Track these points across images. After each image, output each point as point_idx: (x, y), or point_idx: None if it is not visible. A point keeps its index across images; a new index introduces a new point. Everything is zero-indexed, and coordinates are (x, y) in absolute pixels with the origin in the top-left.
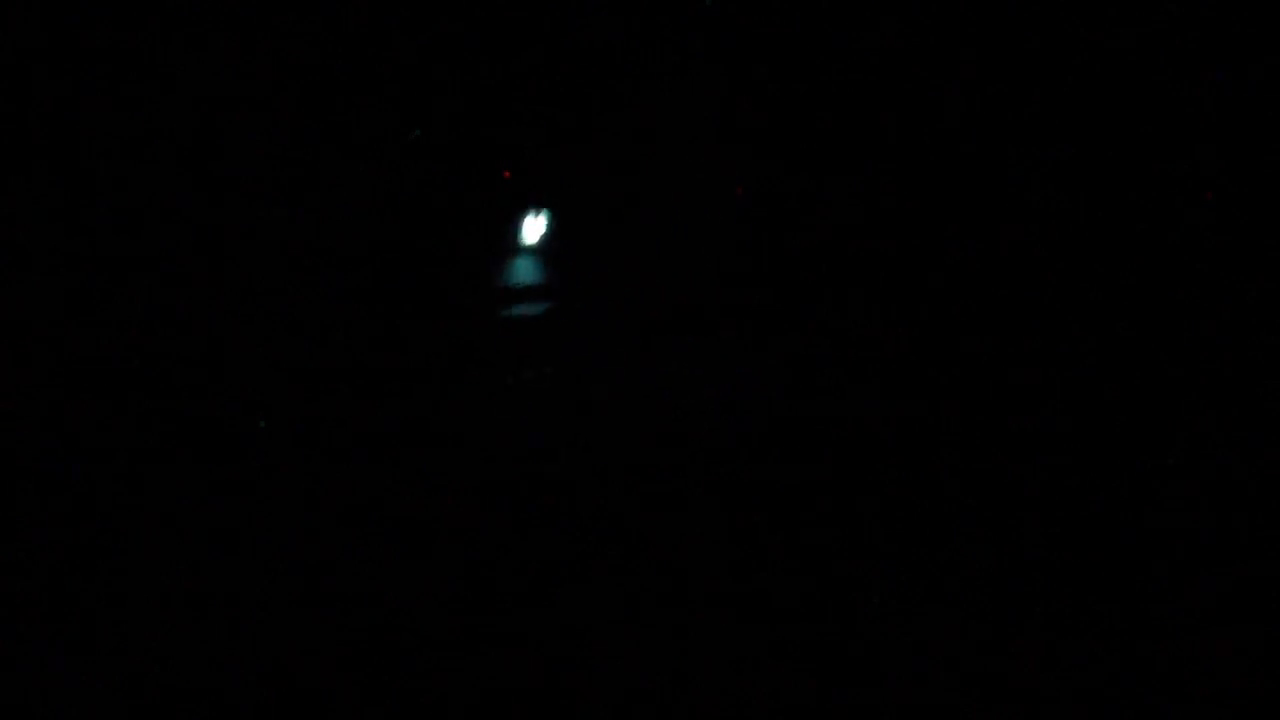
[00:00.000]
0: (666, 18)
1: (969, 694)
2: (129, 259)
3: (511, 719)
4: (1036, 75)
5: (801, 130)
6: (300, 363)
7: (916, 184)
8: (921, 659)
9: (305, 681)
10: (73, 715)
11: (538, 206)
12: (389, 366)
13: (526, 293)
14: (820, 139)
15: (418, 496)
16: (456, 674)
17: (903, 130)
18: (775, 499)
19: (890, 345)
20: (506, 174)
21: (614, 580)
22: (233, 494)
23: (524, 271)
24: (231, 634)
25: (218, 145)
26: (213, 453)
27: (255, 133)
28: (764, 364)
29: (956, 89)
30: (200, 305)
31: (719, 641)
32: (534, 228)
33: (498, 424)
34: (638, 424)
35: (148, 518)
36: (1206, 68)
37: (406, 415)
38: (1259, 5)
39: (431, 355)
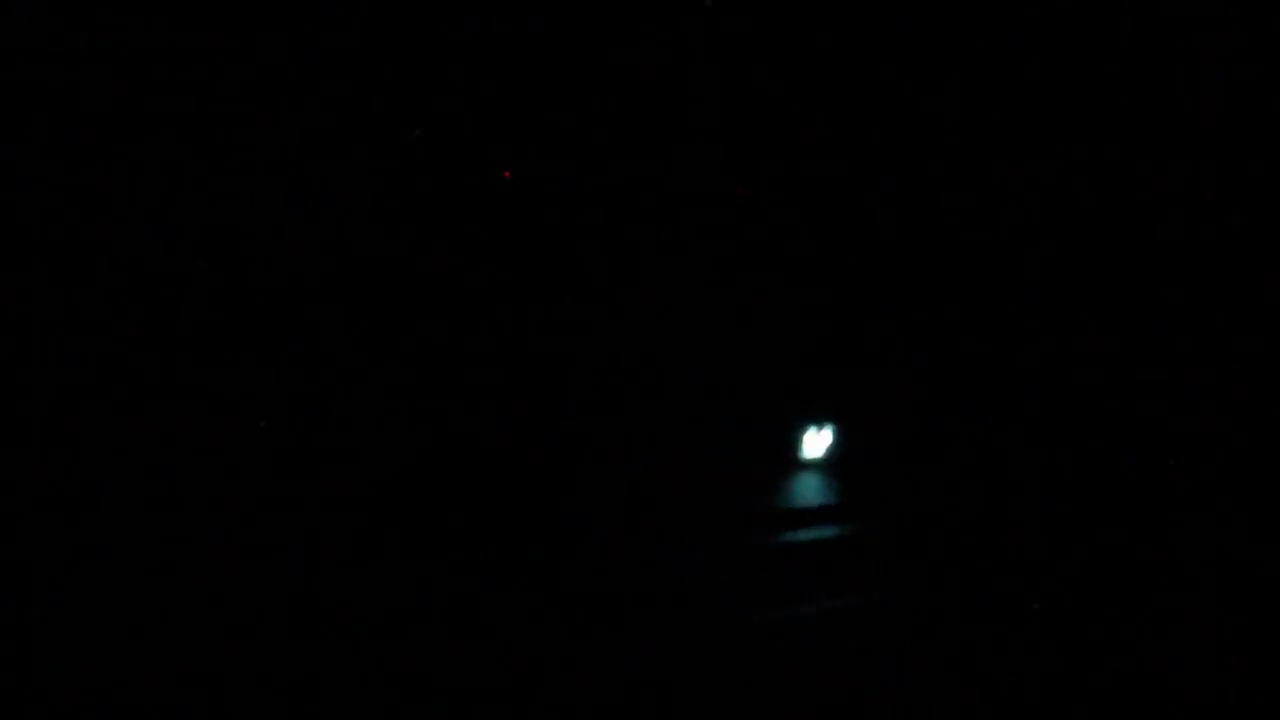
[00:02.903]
0: (666, 17)
1: (968, 694)
2: (128, 258)
3: None
4: (1036, 74)
5: (804, 131)
6: None
7: (917, 183)
8: (919, 659)
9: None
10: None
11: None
12: None
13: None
14: (823, 138)
15: None
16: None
17: (904, 129)
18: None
19: (896, 344)
20: (507, 174)
21: None
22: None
23: (807, 490)
24: (231, 635)
25: (235, 145)
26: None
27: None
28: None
29: (957, 88)
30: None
31: None
32: (818, 441)
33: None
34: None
35: (146, 517)
36: (1206, 68)
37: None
38: (1259, 5)
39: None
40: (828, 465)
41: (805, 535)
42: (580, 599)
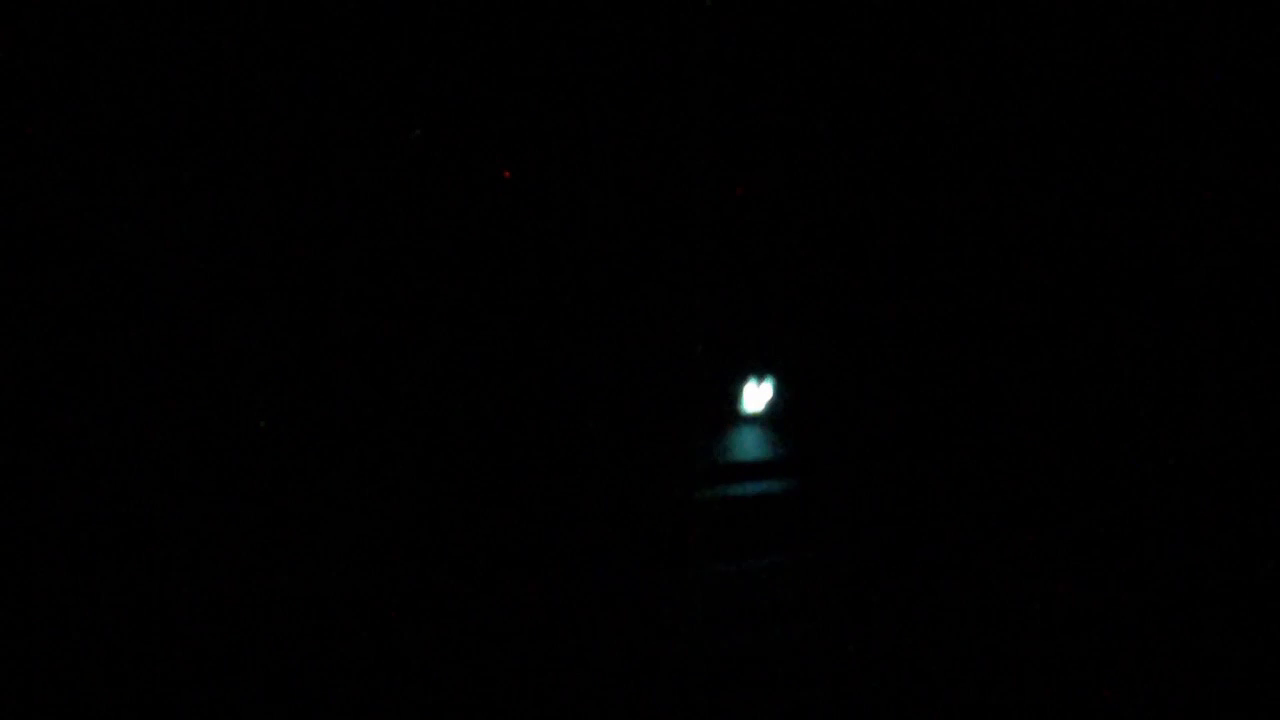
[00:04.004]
0: (666, 18)
1: (967, 693)
2: (128, 258)
3: None
4: (1037, 74)
5: (805, 130)
6: None
7: (918, 183)
8: (918, 658)
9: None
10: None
11: (760, 372)
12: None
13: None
14: (824, 138)
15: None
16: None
17: (905, 129)
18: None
19: (894, 344)
20: (506, 174)
21: None
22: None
23: (747, 445)
24: (231, 636)
25: (233, 144)
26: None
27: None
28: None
29: (957, 87)
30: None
31: None
32: (758, 394)
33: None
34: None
35: (146, 518)
36: (1206, 67)
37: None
38: (1258, 5)
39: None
40: (768, 419)
41: (745, 490)
42: (516, 560)
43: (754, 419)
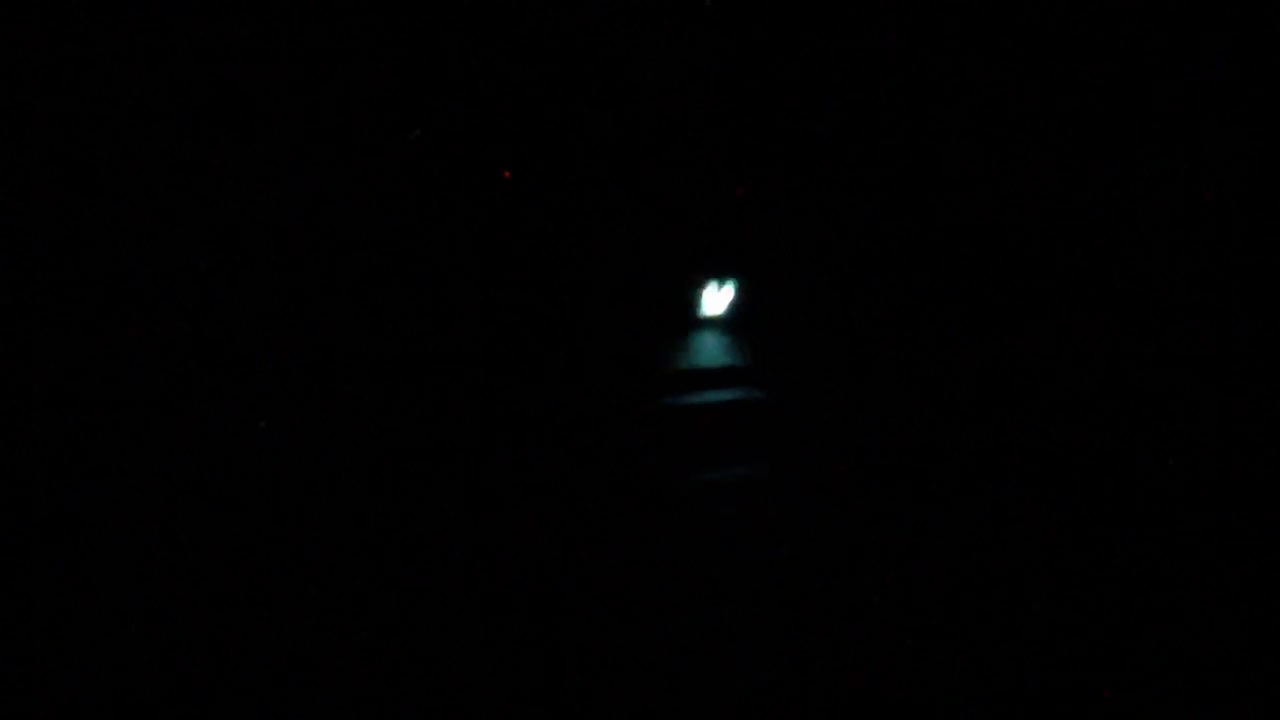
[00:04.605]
0: (666, 17)
1: (967, 692)
2: (128, 257)
3: None
4: (1036, 73)
5: (805, 131)
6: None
7: (918, 184)
8: (919, 656)
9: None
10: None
11: (721, 274)
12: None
13: (711, 376)
14: (824, 139)
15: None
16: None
17: (905, 129)
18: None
19: (895, 347)
20: (507, 174)
21: None
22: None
23: (709, 350)
24: (232, 636)
25: (232, 143)
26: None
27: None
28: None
29: (957, 87)
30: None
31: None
32: (719, 298)
33: (674, 535)
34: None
35: (146, 518)
36: (1204, 62)
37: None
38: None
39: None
40: (729, 323)
41: (705, 398)
42: (482, 477)
43: (714, 322)
